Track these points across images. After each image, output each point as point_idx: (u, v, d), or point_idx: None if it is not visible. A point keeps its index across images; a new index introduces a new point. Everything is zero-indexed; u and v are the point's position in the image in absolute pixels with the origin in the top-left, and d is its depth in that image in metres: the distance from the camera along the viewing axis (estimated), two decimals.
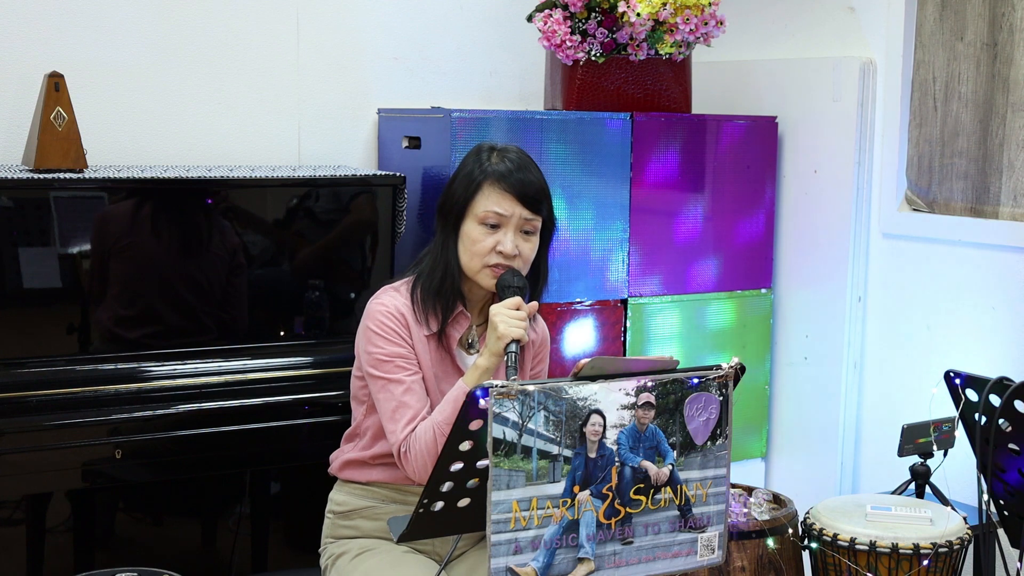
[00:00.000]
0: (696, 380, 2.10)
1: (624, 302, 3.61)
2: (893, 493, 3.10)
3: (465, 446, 2.04)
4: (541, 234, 2.59)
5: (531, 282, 2.59)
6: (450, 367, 2.56)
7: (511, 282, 2.48)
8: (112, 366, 2.98)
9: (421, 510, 2.10)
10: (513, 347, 2.38)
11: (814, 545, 2.82)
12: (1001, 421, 2.63)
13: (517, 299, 2.45)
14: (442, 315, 2.55)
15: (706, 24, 3.50)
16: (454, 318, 2.57)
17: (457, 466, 2.06)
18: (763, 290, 3.90)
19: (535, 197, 2.53)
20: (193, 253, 3.10)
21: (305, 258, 3.28)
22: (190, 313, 3.10)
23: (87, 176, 2.98)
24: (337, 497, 2.65)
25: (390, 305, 2.54)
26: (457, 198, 2.55)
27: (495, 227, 2.51)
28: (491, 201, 2.51)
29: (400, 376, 2.49)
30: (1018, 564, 2.62)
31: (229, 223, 3.16)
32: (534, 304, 2.53)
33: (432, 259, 2.58)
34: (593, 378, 2.00)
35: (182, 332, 3.09)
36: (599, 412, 2.00)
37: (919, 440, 3.02)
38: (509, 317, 2.40)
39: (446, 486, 2.08)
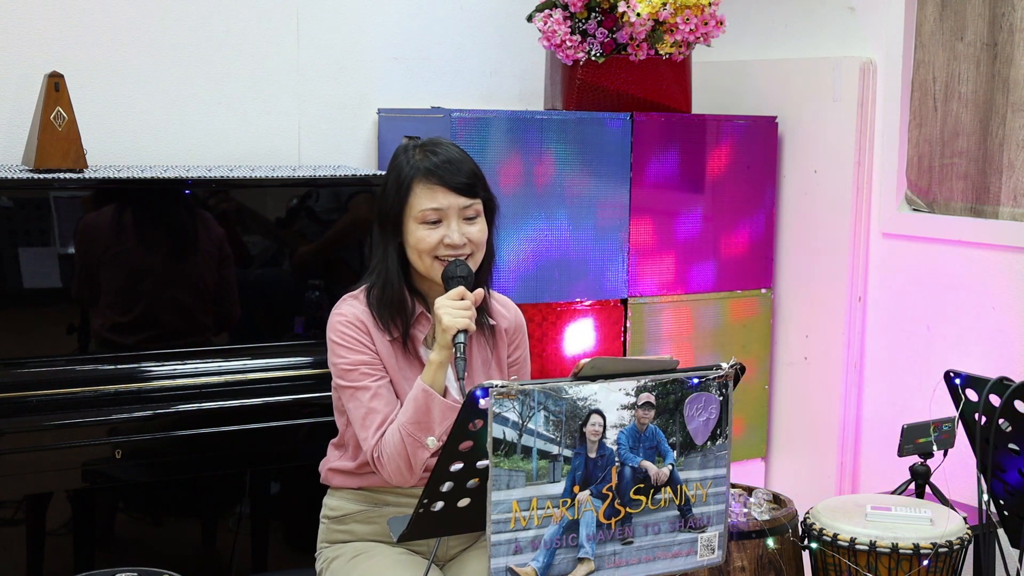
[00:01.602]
0: (696, 380, 2.10)
1: (624, 302, 3.62)
2: (893, 493, 3.10)
3: (465, 446, 2.04)
4: (486, 215, 2.57)
5: (483, 267, 2.56)
6: (416, 368, 2.54)
7: (455, 272, 2.47)
8: (112, 366, 2.98)
9: (421, 510, 2.10)
10: (461, 338, 2.37)
11: (814, 545, 2.82)
12: (1001, 421, 2.63)
13: (461, 289, 2.43)
14: (401, 322, 2.53)
15: (706, 24, 3.50)
16: (416, 319, 2.56)
17: (457, 466, 2.06)
18: (763, 290, 3.90)
19: (467, 183, 2.51)
20: (194, 252, 3.10)
21: (305, 258, 3.28)
22: (193, 312, 3.10)
23: (87, 176, 2.98)
24: (331, 502, 2.65)
25: (349, 314, 2.53)
26: (391, 203, 2.52)
27: (437, 223, 2.49)
28: (425, 199, 2.48)
29: (366, 383, 2.48)
30: (1018, 564, 2.62)
31: (227, 221, 3.16)
32: (480, 292, 2.49)
33: (377, 270, 2.56)
34: (593, 378, 2.00)
35: (185, 331, 3.09)
36: (599, 412, 2.00)
37: (919, 440, 3.02)
38: (454, 308, 2.39)
39: (446, 486, 2.08)
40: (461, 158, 2.54)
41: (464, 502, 2.12)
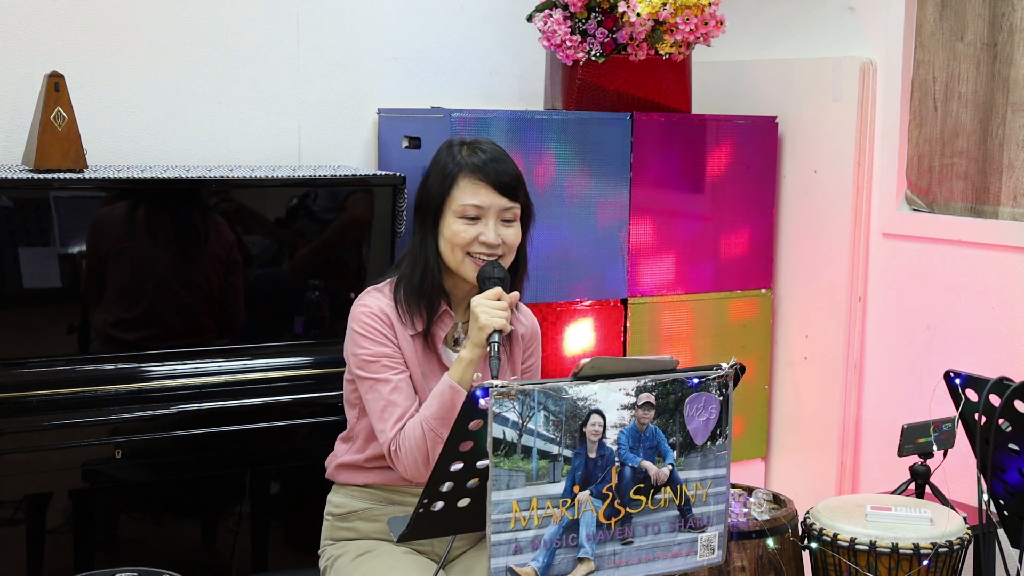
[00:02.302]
0: (696, 380, 2.10)
1: (624, 302, 3.61)
2: (893, 493, 3.10)
3: (465, 446, 2.04)
4: (521, 221, 2.59)
5: (513, 271, 2.59)
6: (436, 366, 2.56)
7: (492, 273, 2.49)
8: (112, 366, 2.98)
9: (421, 510, 2.10)
10: (495, 337, 2.39)
11: (814, 545, 2.82)
12: (1001, 421, 2.63)
13: (498, 290, 2.45)
14: (426, 314, 2.55)
15: (706, 24, 3.50)
16: (439, 317, 2.57)
17: (457, 466, 2.06)
18: (763, 290, 3.90)
19: (511, 184, 2.54)
20: (193, 253, 3.10)
21: (305, 258, 3.28)
22: (191, 313, 3.10)
23: (87, 176, 2.98)
24: (335, 499, 2.65)
25: (373, 306, 2.54)
26: (433, 195, 2.55)
27: (475, 219, 2.51)
28: (467, 194, 2.51)
29: (387, 375, 2.49)
30: (1018, 564, 2.62)
31: (229, 223, 3.16)
32: (515, 294, 2.52)
33: (411, 259, 2.58)
34: (593, 378, 2.00)
35: (184, 332, 3.09)
36: (599, 412, 2.00)
37: (919, 440, 3.02)
38: (490, 308, 2.41)
39: (446, 486, 2.08)
40: (506, 159, 2.58)
41: (464, 502, 2.12)
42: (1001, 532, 2.90)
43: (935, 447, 3.03)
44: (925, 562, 2.68)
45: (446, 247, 2.53)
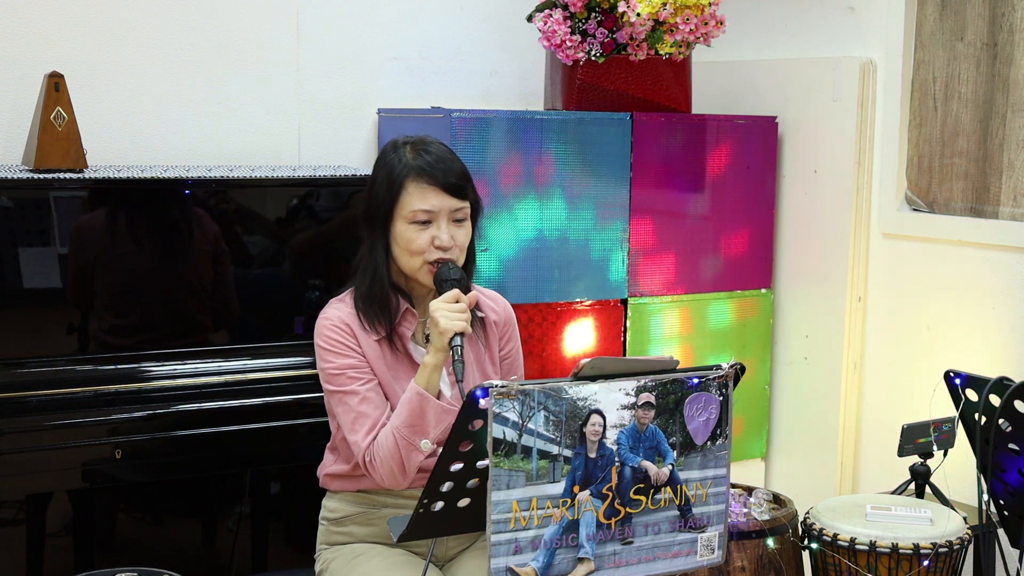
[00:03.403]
0: (696, 380, 2.10)
1: (624, 302, 3.61)
2: (893, 493, 3.10)
3: (465, 446, 2.04)
4: (472, 217, 2.56)
5: (463, 268, 2.56)
6: (408, 366, 2.54)
7: (448, 275, 2.46)
8: (112, 366, 2.98)
9: (421, 510, 2.10)
10: (458, 341, 2.37)
11: (814, 545, 2.82)
12: (1001, 421, 2.63)
13: (455, 292, 2.43)
14: (386, 319, 2.53)
15: (706, 24, 3.50)
16: (402, 317, 2.55)
17: (457, 466, 2.06)
18: (763, 290, 3.90)
19: (459, 184, 2.51)
20: (194, 252, 3.10)
21: (305, 258, 3.28)
22: (193, 312, 3.10)
23: (87, 176, 2.98)
24: (329, 504, 2.65)
25: (334, 317, 2.53)
26: (381, 201, 2.51)
27: (426, 223, 2.49)
28: (417, 199, 2.48)
29: (354, 387, 2.48)
30: (1018, 564, 2.62)
31: (228, 223, 3.16)
32: (474, 295, 2.50)
33: (362, 267, 2.56)
34: (593, 378, 2.00)
35: (185, 331, 3.09)
36: (599, 412, 2.00)
37: (919, 440, 3.02)
38: (449, 311, 2.39)
39: (446, 486, 2.08)
40: (452, 158, 2.54)
41: (464, 502, 2.12)
42: (1001, 532, 2.90)
43: (935, 447, 3.03)
44: (925, 562, 2.68)
45: (401, 253, 2.51)
